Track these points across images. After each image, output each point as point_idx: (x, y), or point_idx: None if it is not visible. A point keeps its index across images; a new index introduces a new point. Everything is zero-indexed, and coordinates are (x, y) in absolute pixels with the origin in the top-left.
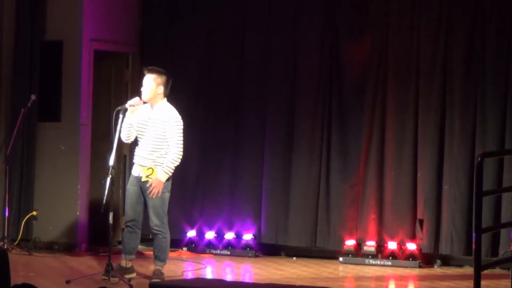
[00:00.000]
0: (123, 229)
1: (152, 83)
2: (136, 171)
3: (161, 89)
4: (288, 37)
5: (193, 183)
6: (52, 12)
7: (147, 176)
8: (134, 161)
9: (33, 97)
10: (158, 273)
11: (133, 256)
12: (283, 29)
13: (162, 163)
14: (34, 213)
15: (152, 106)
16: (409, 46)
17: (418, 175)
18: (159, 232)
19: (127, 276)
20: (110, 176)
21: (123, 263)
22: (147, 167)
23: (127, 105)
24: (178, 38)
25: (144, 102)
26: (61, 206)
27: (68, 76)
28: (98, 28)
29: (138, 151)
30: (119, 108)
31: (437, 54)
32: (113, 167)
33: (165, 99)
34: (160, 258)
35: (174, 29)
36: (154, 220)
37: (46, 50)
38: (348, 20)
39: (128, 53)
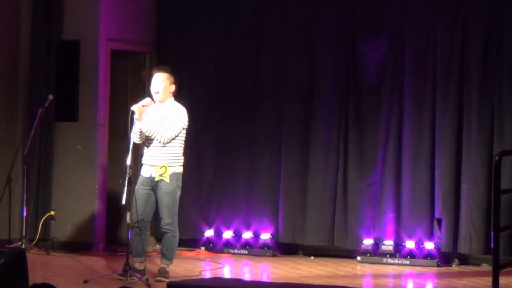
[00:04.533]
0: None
1: (166, 82)
2: (147, 171)
3: (173, 88)
4: (304, 37)
5: (210, 182)
6: (69, 12)
7: (160, 175)
8: (143, 161)
9: (50, 97)
10: (163, 272)
11: (144, 258)
12: (299, 28)
13: (175, 161)
14: (52, 213)
15: (161, 105)
16: (425, 44)
17: (436, 174)
18: (169, 231)
19: None
20: (128, 175)
21: (137, 265)
22: (160, 166)
23: (140, 105)
24: (194, 37)
25: (154, 100)
26: (78, 205)
27: (85, 76)
28: (114, 28)
29: (148, 151)
30: (133, 108)
31: (454, 52)
32: (130, 167)
33: (173, 97)
34: (167, 256)
35: (190, 28)
36: (166, 220)
37: (63, 50)
38: (364, 19)
39: (144, 52)
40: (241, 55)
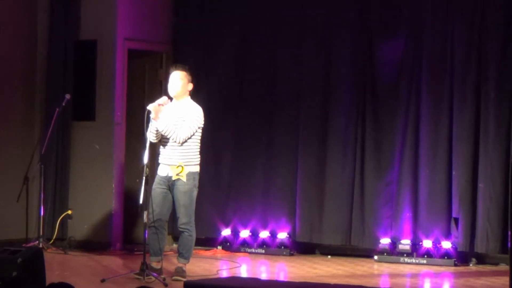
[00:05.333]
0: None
1: (184, 80)
2: (163, 171)
3: (190, 86)
4: (321, 35)
5: (227, 181)
6: (86, 12)
7: (177, 174)
8: (160, 161)
9: (67, 96)
10: (180, 271)
11: (160, 257)
12: (316, 27)
13: (191, 160)
14: (69, 212)
15: (177, 104)
16: (442, 43)
17: (453, 173)
18: (186, 230)
19: None
20: (145, 175)
21: (154, 264)
22: (177, 165)
23: (156, 104)
24: (210, 36)
25: (170, 99)
26: (95, 205)
27: (102, 75)
28: (132, 27)
29: (164, 150)
30: (149, 107)
31: (471, 50)
32: (147, 166)
33: (189, 97)
34: (184, 255)
35: (207, 27)
36: (182, 219)
37: (80, 50)
38: (381, 18)
39: (161, 52)
40: (258, 54)
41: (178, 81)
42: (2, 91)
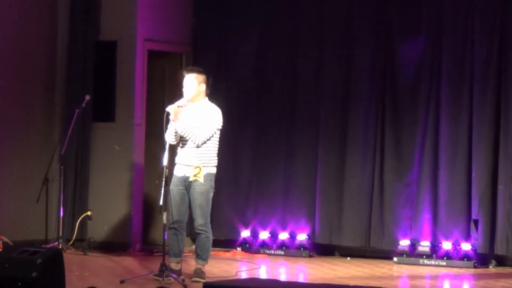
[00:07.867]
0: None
1: (194, 82)
2: (180, 171)
3: (203, 87)
4: (341, 37)
5: (246, 183)
6: (106, 13)
7: (195, 175)
8: (177, 161)
9: (87, 97)
10: (199, 272)
11: (180, 259)
12: (336, 28)
13: (209, 162)
14: (89, 213)
15: (195, 106)
16: (463, 44)
17: (473, 174)
18: (203, 232)
19: None
20: (165, 176)
21: (173, 265)
22: (195, 166)
23: (175, 105)
24: (231, 37)
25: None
26: (115, 206)
27: (122, 76)
28: (152, 28)
29: (182, 151)
30: (168, 109)
31: (492, 52)
32: (166, 167)
33: (207, 98)
34: (202, 257)
35: (227, 28)
36: (199, 220)
37: (100, 51)
38: (401, 19)
39: (181, 53)
40: (278, 54)
41: (190, 84)
42: (23, 92)
